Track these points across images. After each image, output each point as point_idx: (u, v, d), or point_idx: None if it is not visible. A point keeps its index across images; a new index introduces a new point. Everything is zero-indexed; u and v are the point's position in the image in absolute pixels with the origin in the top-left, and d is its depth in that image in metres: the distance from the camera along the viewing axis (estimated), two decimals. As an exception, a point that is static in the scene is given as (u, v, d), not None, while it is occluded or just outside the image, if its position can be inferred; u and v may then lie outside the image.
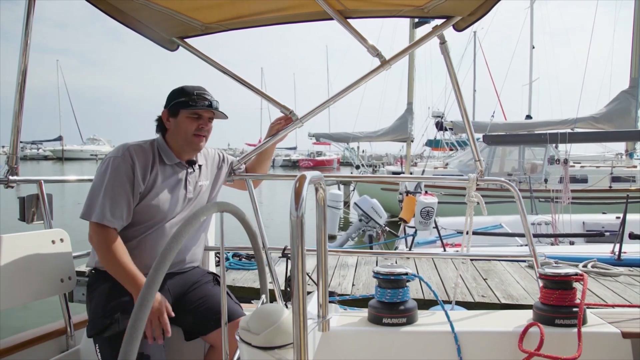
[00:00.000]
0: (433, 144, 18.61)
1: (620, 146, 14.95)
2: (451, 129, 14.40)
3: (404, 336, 1.60)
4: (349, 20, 1.98)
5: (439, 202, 6.26)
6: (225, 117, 2.01)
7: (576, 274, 1.63)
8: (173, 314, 1.73)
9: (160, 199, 1.88)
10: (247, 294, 4.34)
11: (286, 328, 1.16)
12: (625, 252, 5.56)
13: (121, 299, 1.74)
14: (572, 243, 6.72)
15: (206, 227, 2.19)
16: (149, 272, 0.94)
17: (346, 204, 12.86)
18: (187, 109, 1.90)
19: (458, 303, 4.05)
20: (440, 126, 14.16)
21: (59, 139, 58.59)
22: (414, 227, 6.24)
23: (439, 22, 1.99)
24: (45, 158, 57.26)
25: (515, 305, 4.15)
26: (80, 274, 3.04)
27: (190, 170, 2.01)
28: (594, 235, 6.65)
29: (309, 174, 1.04)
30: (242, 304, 1.99)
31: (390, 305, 1.63)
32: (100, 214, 1.76)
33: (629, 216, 5.78)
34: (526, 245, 2.16)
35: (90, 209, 1.79)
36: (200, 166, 2.07)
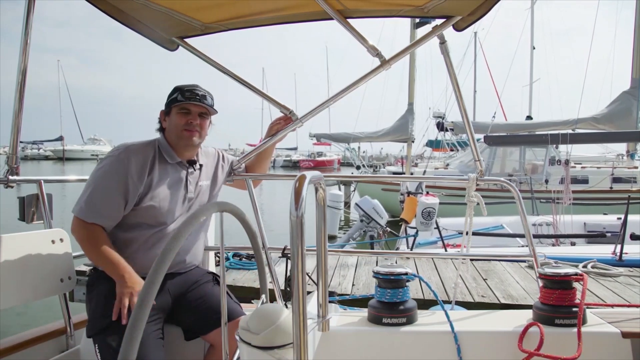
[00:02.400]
0: (434, 144, 18.60)
1: (621, 147, 14.92)
2: (452, 130, 14.39)
3: (403, 336, 1.60)
4: (349, 20, 1.98)
5: (440, 203, 6.25)
6: (214, 111, 2.00)
7: (576, 274, 1.63)
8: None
9: (161, 199, 1.88)
10: (247, 294, 4.34)
11: (286, 328, 1.16)
12: (626, 253, 5.55)
13: None
14: (573, 244, 6.71)
15: (206, 227, 2.18)
16: (149, 272, 0.94)
17: (347, 204, 12.90)
18: (177, 104, 1.94)
19: (458, 303, 4.04)
20: (441, 127, 14.13)
21: (60, 139, 58.49)
22: (415, 228, 6.24)
23: (439, 22, 1.99)
24: (46, 158, 57.23)
25: (514, 305, 4.15)
26: (80, 273, 3.04)
27: (190, 170, 2.01)
28: (595, 236, 6.64)
29: (309, 174, 1.03)
30: (242, 304, 1.99)
31: (390, 305, 1.63)
32: (83, 209, 1.80)
33: (630, 217, 5.78)
34: (527, 246, 2.16)
35: (77, 204, 1.84)
36: (201, 166, 2.07)
